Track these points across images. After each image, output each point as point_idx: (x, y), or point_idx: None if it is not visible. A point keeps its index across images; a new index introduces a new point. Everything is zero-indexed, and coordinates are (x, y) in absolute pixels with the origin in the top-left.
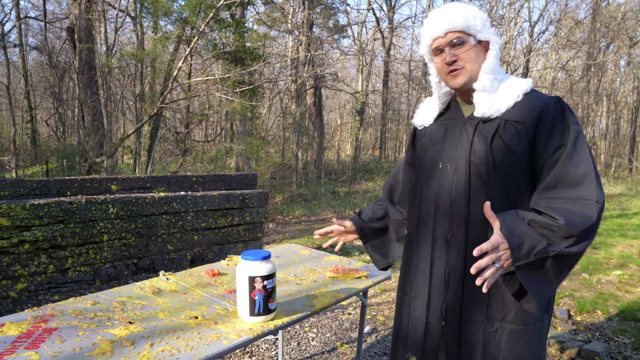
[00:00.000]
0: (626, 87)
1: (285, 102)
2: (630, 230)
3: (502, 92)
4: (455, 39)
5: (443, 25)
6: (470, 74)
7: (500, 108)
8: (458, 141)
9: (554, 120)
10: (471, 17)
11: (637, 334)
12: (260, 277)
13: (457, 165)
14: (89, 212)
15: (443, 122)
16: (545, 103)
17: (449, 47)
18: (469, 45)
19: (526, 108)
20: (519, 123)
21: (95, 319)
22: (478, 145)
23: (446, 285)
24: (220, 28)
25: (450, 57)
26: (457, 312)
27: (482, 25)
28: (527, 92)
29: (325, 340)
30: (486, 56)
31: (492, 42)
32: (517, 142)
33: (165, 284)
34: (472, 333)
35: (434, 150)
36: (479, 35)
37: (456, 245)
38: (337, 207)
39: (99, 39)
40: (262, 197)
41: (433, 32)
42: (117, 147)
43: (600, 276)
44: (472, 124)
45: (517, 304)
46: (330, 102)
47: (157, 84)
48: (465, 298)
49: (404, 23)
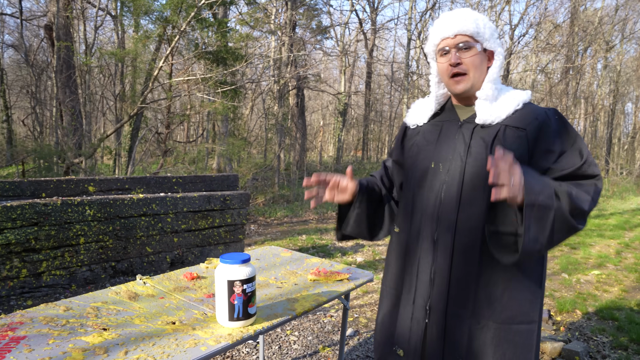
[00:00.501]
0: (603, 90)
1: (267, 102)
2: (608, 230)
3: (502, 101)
4: (463, 42)
5: (454, 27)
6: (473, 81)
7: (500, 115)
8: (453, 143)
9: (555, 129)
10: (482, 25)
11: (614, 333)
12: (240, 280)
13: (450, 166)
14: (65, 214)
15: (437, 123)
16: (545, 113)
17: (455, 49)
18: (475, 51)
19: (526, 116)
20: (519, 129)
21: (68, 326)
22: (476, 148)
23: (431, 283)
24: (202, 27)
25: (456, 58)
26: (442, 309)
27: (490, 34)
28: (527, 102)
29: (307, 344)
30: (489, 65)
31: (497, 53)
32: (517, 146)
33: (142, 288)
34: (457, 329)
35: (427, 150)
36: (486, 43)
37: (443, 245)
38: (319, 208)
39: (78, 37)
40: (243, 199)
41: (443, 33)
42: (96, 148)
43: (579, 276)
44: (468, 128)
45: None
46: (312, 103)
47: (138, 84)
48: (450, 297)
49: (386, 25)
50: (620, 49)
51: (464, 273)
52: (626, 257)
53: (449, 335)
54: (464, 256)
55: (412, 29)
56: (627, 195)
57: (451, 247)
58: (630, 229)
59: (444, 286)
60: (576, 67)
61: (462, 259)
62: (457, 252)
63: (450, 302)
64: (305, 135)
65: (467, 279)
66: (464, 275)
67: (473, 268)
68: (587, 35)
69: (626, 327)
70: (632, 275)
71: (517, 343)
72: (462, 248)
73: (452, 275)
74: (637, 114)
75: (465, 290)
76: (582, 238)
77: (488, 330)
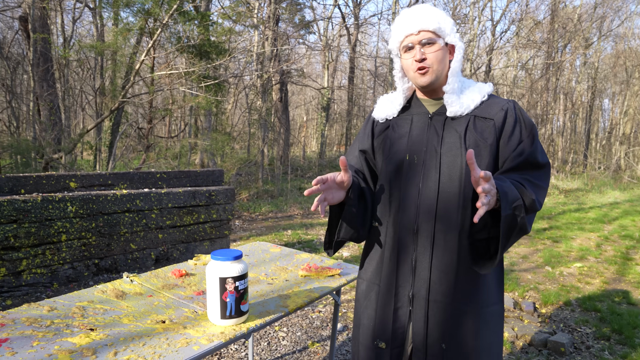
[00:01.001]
0: (582, 87)
1: (250, 97)
2: (587, 223)
3: (469, 93)
4: (427, 38)
5: (417, 24)
6: (437, 73)
7: (469, 105)
8: (425, 135)
9: (516, 119)
10: (442, 21)
11: (597, 324)
12: (232, 278)
13: (425, 157)
14: (46, 211)
15: (407, 117)
16: (507, 103)
17: (419, 45)
18: (439, 46)
19: (492, 107)
20: (487, 119)
21: (52, 327)
22: (449, 139)
23: (412, 272)
24: (185, 21)
25: (420, 55)
26: (424, 296)
27: (451, 29)
28: (490, 94)
29: (296, 340)
30: (450, 59)
31: (457, 47)
32: (487, 135)
33: (130, 287)
34: (440, 316)
35: (401, 143)
36: (448, 38)
37: (424, 234)
38: (304, 203)
39: (56, 29)
40: (228, 194)
41: (406, 29)
42: (76, 143)
43: (562, 269)
44: (439, 120)
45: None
46: (296, 98)
47: (119, 78)
48: (432, 284)
49: (369, 20)
50: (598, 46)
51: (444, 260)
52: (606, 250)
53: (432, 322)
54: (444, 243)
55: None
56: (605, 189)
57: (432, 235)
58: (609, 222)
59: (426, 274)
60: (556, 64)
61: (442, 246)
62: (437, 240)
63: (432, 289)
64: (289, 130)
65: (447, 266)
66: (444, 262)
67: (452, 255)
68: (567, 33)
69: (608, 318)
70: (612, 267)
71: (490, 323)
72: (441, 235)
73: (432, 263)
74: (613, 110)
75: (445, 277)
76: (563, 231)
77: (467, 314)
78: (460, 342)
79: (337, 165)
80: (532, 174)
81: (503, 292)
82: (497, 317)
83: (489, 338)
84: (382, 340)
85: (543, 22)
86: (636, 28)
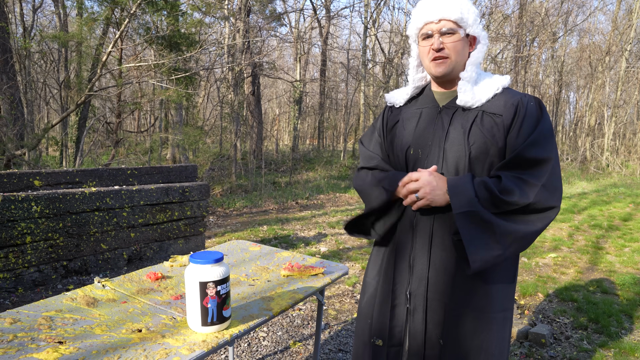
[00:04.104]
0: (549, 80)
1: (222, 90)
2: (559, 214)
3: (483, 85)
4: (447, 28)
5: (439, 12)
6: (454, 64)
7: (481, 98)
8: (432, 129)
9: (527, 113)
10: (466, 10)
11: (574, 314)
12: (213, 282)
13: (429, 152)
14: (8, 212)
15: (417, 110)
16: (520, 98)
17: (439, 34)
18: (458, 37)
19: (503, 101)
20: (496, 115)
21: (15, 341)
22: (453, 134)
23: (410, 270)
24: (153, 11)
25: (438, 44)
26: (422, 294)
27: (474, 20)
28: (506, 87)
29: (276, 339)
30: (470, 50)
31: (480, 38)
32: (495, 132)
33: (102, 292)
34: (438, 314)
35: (406, 136)
36: (469, 29)
37: (422, 231)
38: (279, 197)
39: (15, 19)
40: (203, 190)
41: (427, 17)
42: (40, 139)
43: (537, 259)
44: (448, 113)
45: (480, 291)
46: (268, 91)
47: (84, 70)
48: (430, 282)
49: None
50: (564, 40)
51: (442, 258)
52: (578, 240)
53: (430, 319)
54: (442, 241)
55: (368, 17)
56: (573, 180)
57: (430, 232)
58: (579, 212)
59: (424, 271)
60: (525, 57)
61: (440, 244)
62: (436, 238)
63: (430, 287)
64: (262, 123)
65: (445, 264)
66: (442, 260)
67: (450, 253)
68: (535, 27)
69: (584, 308)
70: (584, 257)
71: (493, 331)
72: (440, 234)
73: (431, 261)
74: (579, 103)
75: (443, 276)
76: None
77: (466, 317)
78: (459, 340)
79: (311, 159)
80: (522, 171)
81: (512, 299)
82: (502, 326)
83: (490, 339)
84: (379, 338)
85: (512, 16)
86: (599, 23)
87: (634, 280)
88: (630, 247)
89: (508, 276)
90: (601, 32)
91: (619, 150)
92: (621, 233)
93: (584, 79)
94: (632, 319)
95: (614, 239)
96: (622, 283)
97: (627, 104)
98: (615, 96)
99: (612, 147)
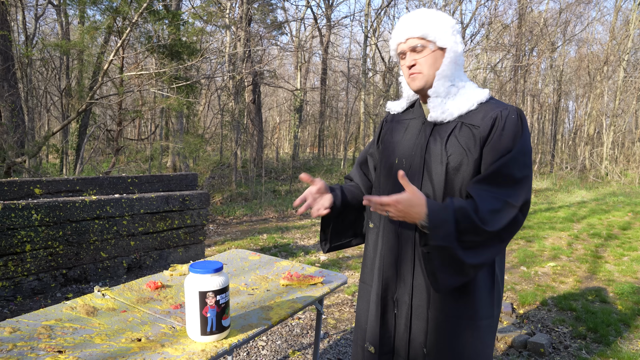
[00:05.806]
0: (548, 89)
1: (223, 99)
2: (558, 222)
3: (459, 99)
4: (414, 45)
5: (405, 32)
6: (427, 78)
7: (453, 113)
8: (416, 139)
9: (506, 127)
10: (431, 25)
11: (573, 323)
12: (213, 291)
13: (412, 162)
14: (8, 220)
15: (405, 121)
16: (500, 112)
17: (410, 51)
18: (429, 51)
19: (483, 113)
20: (474, 127)
21: (15, 351)
22: (433, 144)
23: (396, 276)
24: (155, 20)
25: (410, 61)
26: (407, 302)
27: (443, 32)
28: (483, 102)
29: (275, 349)
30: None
31: (448, 49)
32: (471, 144)
33: (101, 301)
34: (421, 321)
35: (394, 147)
36: (439, 42)
37: (406, 238)
38: (279, 205)
39: (17, 27)
40: (203, 198)
41: (397, 38)
42: (41, 146)
43: (536, 268)
44: (430, 125)
45: (464, 299)
46: (268, 99)
47: (86, 78)
48: (415, 290)
49: (342, 21)
50: (563, 49)
51: None
52: (577, 249)
53: (414, 326)
54: None
55: (368, 26)
56: (573, 188)
57: (413, 241)
58: (578, 221)
59: (409, 279)
60: (524, 66)
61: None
62: (419, 246)
63: (415, 294)
64: (262, 132)
65: None
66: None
67: None
68: (534, 36)
69: (583, 317)
70: (583, 265)
71: (477, 338)
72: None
73: (415, 269)
74: (577, 112)
75: (427, 283)
76: (535, 231)
77: (448, 324)
78: (443, 349)
79: (311, 168)
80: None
81: (498, 307)
82: (486, 333)
83: (473, 346)
84: (371, 344)
85: (511, 25)
86: (597, 33)
87: (632, 290)
88: (629, 256)
89: (489, 281)
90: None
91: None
92: (620, 242)
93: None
94: (631, 328)
95: (613, 247)
96: (621, 292)
97: (626, 113)
98: (614, 105)
99: (611, 155)
